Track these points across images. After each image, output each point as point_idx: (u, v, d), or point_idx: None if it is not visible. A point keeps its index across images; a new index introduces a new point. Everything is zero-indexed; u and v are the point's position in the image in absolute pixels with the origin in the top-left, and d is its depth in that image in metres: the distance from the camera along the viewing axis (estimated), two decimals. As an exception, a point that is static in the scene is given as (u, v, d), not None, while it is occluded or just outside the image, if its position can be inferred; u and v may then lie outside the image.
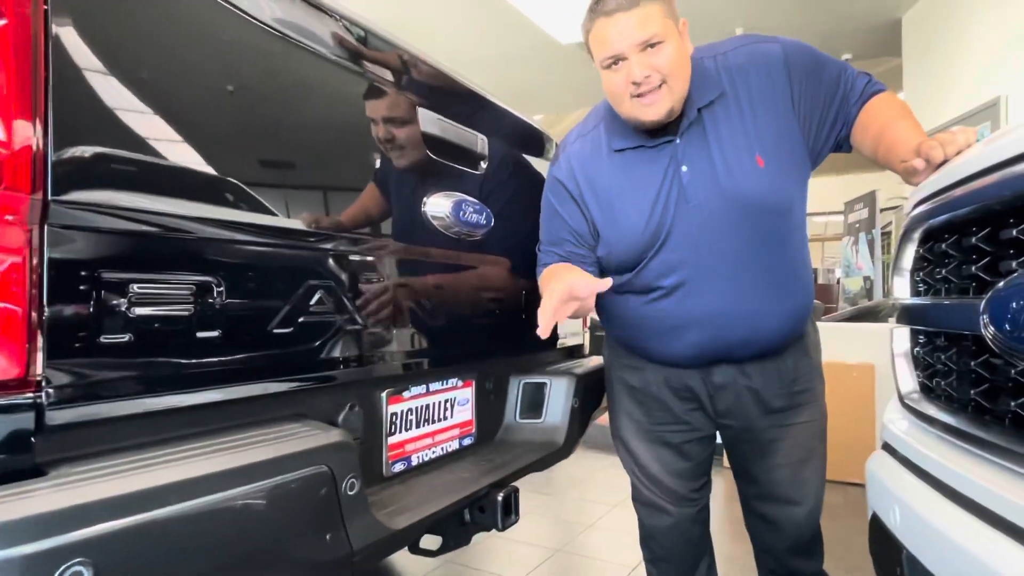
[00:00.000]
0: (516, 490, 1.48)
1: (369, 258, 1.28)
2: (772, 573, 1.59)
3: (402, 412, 1.41)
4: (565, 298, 1.15)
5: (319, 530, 0.98)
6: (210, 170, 0.97)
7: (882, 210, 5.68)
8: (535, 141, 1.92)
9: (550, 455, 1.78)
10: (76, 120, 0.79)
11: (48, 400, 0.75)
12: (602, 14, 1.19)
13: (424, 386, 1.48)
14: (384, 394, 1.36)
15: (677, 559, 1.54)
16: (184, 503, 0.77)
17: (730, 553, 2.48)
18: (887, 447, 1.12)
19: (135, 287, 0.85)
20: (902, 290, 1.14)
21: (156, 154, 0.89)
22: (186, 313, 0.91)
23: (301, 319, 1.10)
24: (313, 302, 1.12)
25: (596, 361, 2.10)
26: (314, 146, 1.18)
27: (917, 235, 1.10)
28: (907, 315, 1.13)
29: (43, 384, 0.75)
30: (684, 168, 1.28)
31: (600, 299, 1.51)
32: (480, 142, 1.60)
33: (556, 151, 1.45)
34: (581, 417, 1.89)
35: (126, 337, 0.83)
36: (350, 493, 1.01)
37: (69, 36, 0.79)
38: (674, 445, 1.46)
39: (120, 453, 0.83)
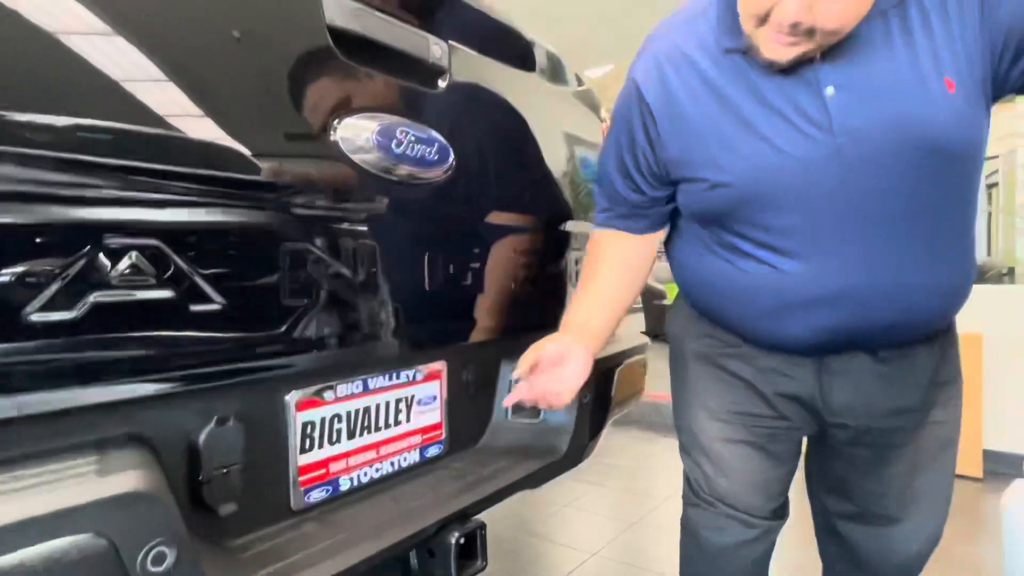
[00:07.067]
0: (482, 527, 1.08)
1: (254, 204, 0.89)
2: None
3: (324, 420, 1.04)
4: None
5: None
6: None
7: (986, 159, 4.92)
8: (521, 51, 1.47)
9: (551, 464, 1.38)
10: None
11: None
12: None
13: (360, 383, 1.10)
14: (290, 398, 0.98)
15: None
16: None
17: None
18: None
19: None
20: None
21: None
22: None
23: (119, 295, 0.73)
24: (138, 268, 0.74)
25: (615, 343, 1.66)
26: (155, 45, 0.78)
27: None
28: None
29: None
30: (829, 91, 0.91)
31: (679, 255, 1.17)
32: (437, 49, 1.16)
33: (641, 45, 1.12)
34: (596, 414, 1.47)
35: None
36: (155, 570, 0.65)
37: None
38: (760, 444, 1.11)
39: None
